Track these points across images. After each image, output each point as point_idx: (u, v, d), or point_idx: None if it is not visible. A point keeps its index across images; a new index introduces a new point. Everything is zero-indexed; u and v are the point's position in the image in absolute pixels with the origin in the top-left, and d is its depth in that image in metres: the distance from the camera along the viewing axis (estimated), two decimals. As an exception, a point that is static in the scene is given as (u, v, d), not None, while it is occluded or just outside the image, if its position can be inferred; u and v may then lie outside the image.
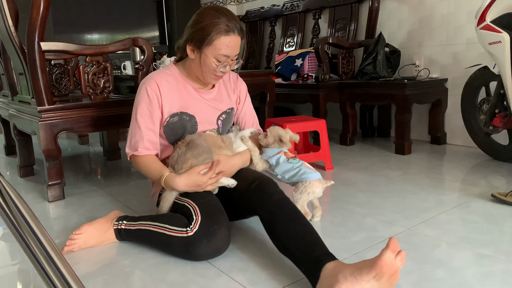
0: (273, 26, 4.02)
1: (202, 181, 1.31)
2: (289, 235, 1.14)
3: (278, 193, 1.27)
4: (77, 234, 1.36)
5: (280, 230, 1.17)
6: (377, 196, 1.80)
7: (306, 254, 1.08)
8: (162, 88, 1.41)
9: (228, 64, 1.40)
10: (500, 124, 2.19)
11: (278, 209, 1.22)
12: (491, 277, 1.11)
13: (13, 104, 2.29)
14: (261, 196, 1.27)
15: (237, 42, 1.37)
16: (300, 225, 1.17)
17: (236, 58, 1.41)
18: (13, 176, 2.39)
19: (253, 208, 1.28)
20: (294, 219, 1.19)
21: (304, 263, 1.08)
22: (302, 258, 1.09)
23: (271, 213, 1.22)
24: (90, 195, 1.99)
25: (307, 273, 1.07)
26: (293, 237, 1.13)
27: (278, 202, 1.24)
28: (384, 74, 2.76)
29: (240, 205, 1.37)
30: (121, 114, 2.00)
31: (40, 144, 1.83)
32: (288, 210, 1.22)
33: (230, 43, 1.34)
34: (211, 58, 1.36)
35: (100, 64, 1.95)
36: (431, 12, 2.83)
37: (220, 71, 1.39)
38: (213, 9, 1.36)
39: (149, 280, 1.17)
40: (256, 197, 1.28)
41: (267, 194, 1.27)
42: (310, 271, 1.06)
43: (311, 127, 2.31)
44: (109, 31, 4.34)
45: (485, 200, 1.69)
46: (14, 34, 1.85)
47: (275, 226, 1.19)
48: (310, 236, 1.13)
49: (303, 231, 1.15)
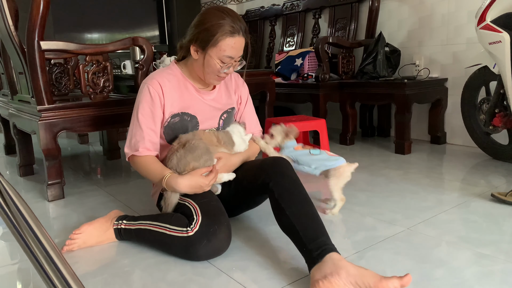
0: (273, 25, 4.02)
1: (204, 183, 1.31)
2: (299, 213, 1.16)
3: (292, 173, 1.28)
4: (76, 233, 1.36)
5: (290, 207, 1.17)
6: (377, 196, 1.80)
7: (312, 237, 1.10)
8: (165, 88, 1.40)
9: (232, 65, 1.39)
10: (500, 124, 2.19)
11: (291, 187, 1.23)
12: (491, 276, 1.11)
13: (12, 103, 2.29)
14: (275, 172, 1.27)
15: (242, 43, 1.36)
16: (311, 208, 1.19)
17: (239, 59, 1.40)
18: (13, 176, 2.39)
19: (265, 182, 1.26)
20: (305, 201, 1.20)
21: (307, 244, 1.09)
22: (307, 239, 1.10)
23: (283, 188, 1.22)
24: (90, 194, 1.99)
25: (307, 253, 1.10)
26: (302, 216, 1.15)
27: (292, 180, 1.25)
28: (384, 74, 2.76)
29: (251, 181, 1.34)
30: (121, 114, 2.00)
31: (40, 143, 1.83)
32: (301, 191, 1.23)
33: (235, 45, 1.34)
34: (215, 59, 1.35)
35: (100, 63, 1.95)
36: (431, 12, 2.83)
37: (223, 72, 1.39)
38: (218, 10, 1.35)
39: (148, 280, 1.17)
40: (271, 171, 1.28)
41: (281, 170, 1.27)
42: (310, 253, 1.08)
43: (311, 126, 2.30)
44: (109, 31, 4.34)
45: (485, 200, 1.69)
46: (14, 33, 1.85)
47: (286, 202, 1.19)
48: (318, 221, 1.15)
49: (312, 214, 1.17)
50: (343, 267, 1.00)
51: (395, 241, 1.35)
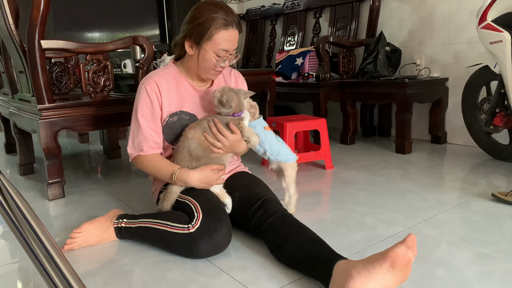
0: (274, 24, 4.01)
1: (214, 178, 1.35)
2: (296, 243, 1.15)
3: (281, 210, 1.30)
4: (77, 232, 1.36)
5: (287, 240, 1.17)
6: (378, 195, 1.80)
7: (316, 256, 1.09)
8: (162, 87, 1.41)
9: (227, 58, 1.39)
10: (500, 124, 2.19)
11: (283, 222, 1.24)
12: (491, 276, 1.11)
13: (13, 102, 2.29)
14: (264, 212, 1.29)
15: (236, 35, 1.37)
16: (307, 233, 1.18)
17: (234, 52, 1.40)
18: (13, 174, 2.39)
19: (256, 225, 1.29)
20: (300, 228, 1.20)
21: (315, 265, 1.08)
22: (312, 261, 1.09)
23: (276, 226, 1.23)
24: (90, 193, 1.99)
25: (319, 275, 1.07)
26: (301, 244, 1.14)
27: (282, 216, 1.26)
28: (384, 73, 2.76)
29: (246, 218, 1.35)
30: (122, 113, 2.00)
31: (40, 142, 1.83)
32: (293, 221, 1.24)
33: (229, 38, 1.34)
34: (210, 53, 1.35)
35: (101, 62, 1.95)
36: (432, 11, 2.82)
37: (220, 66, 1.39)
38: (210, 4, 1.35)
39: (149, 279, 1.17)
40: (261, 211, 1.30)
41: (270, 209, 1.29)
42: (321, 272, 1.05)
43: (311, 126, 2.30)
44: (109, 30, 4.33)
45: (486, 200, 1.69)
46: (15, 32, 1.84)
47: (281, 237, 1.19)
48: (318, 242, 1.14)
49: (310, 238, 1.16)
50: (352, 268, 0.98)
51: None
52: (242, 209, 1.37)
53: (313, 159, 2.31)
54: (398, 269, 0.94)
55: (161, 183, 1.47)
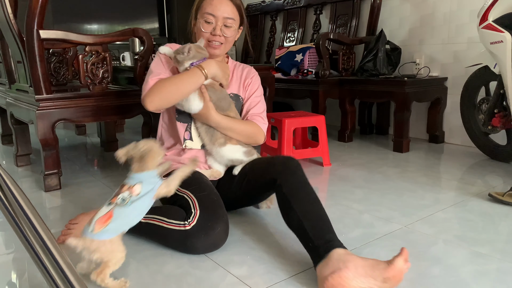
0: (274, 20, 4.00)
1: (228, 73, 1.45)
2: (306, 210, 1.16)
3: (302, 173, 1.27)
4: (72, 223, 1.36)
5: (299, 204, 1.17)
6: (375, 193, 1.80)
7: (319, 234, 1.10)
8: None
9: (217, 26, 1.42)
10: (499, 124, 2.19)
11: (300, 186, 1.23)
12: (487, 275, 1.12)
13: (10, 92, 2.28)
14: (285, 169, 1.27)
15: (222, 2, 1.42)
16: (319, 207, 1.19)
17: (228, 23, 1.44)
18: (9, 165, 2.38)
19: (273, 178, 1.26)
20: (314, 200, 1.20)
21: (314, 240, 1.09)
22: (314, 236, 1.10)
23: (292, 185, 1.22)
24: (87, 185, 1.99)
25: (312, 250, 1.10)
26: (310, 213, 1.15)
27: (301, 179, 1.24)
28: (384, 72, 2.75)
29: (259, 175, 1.35)
30: (120, 105, 1.99)
31: (37, 133, 1.81)
32: (309, 190, 1.23)
33: (213, 2, 1.42)
34: (200, 20, 1.44)
35: (100, 54, 1.94)
36: (433, 10, 2.82)
37: (209, 33, 1.43)
38: None
39: (145, 272, 1.16)
40: (281, 168, 1.28)
41: (291, 169, 1.27)
42: (317, 249, 1.08)
43: (310, 122, 2.30)
44: (108, 22, 4.31)
45: (482, 199, 1.69)
46: (13, 22, 1.83)
47: (294, 199, 1.19)
48: (325, 219, 1.15)
49: (319, 212, 1.17)
50: (351, 260, 1.00)
51: (392, 238, 1.36)
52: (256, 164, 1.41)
53: (310, 155, 2.31)
54: (392, 281, 0.99)
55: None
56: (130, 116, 2.07)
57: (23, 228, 0.69)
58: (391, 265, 0.98)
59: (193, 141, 1.48)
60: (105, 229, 1.02)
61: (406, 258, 1.00)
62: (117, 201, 1.07)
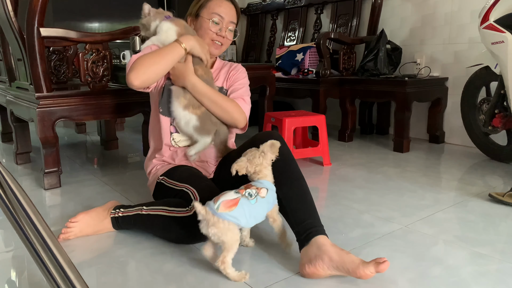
0: (275, 19, 4.00)
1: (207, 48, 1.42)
2: (288, 195, 1.20)
3: (285, 148, 1.26)
4: (73, 222, 1.36)
5: (281, 188, 1.20)
6: (375, 193, 1.80)
7: (300, 219, 1.16)
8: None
9: (223, 27, 1.45)
10: (499, 125, 2.19)
11: (283, 165, 1.23)
12: (487, 275, 1.12)
13: (10, 90, 2.27)
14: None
15: (230, 7, 1.47)
16: (301, 187, 1.22)
17: (232, 28, 1.48)
18: (9, 163, 2.38)
19: None
20: (296, 179, 1.23)
21: (295, 226, 1.16)
22: (296, 221, 1.17)
23: (274, 168, 1.21)
24: (87, 183, 1.98)
25: (296, 235, 1.17)
26: (292, 197, 1.19)
27: (283, 158, 1.23)
28: (385, 71, 2.75)
29: None
30: (120, 103, 1.99)
31: (38, 131, 1.81)
32: (293, 169, 1.24)
33: (222, 4, 1.46)
34: (206, 18, 1.45)
35: (100, 52, 1.93)
36: (434, 10, 2.82)
37: (216, 33, 1.45)
38: None
39: (145, 270, 1.16)
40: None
41: None
42: (299, 235, 1.15)
43: (310, 122, 2.30)
44: (108, 20, 4.30)
45: (482, 200, 1.69)
46: (14, 19, 1.82)
47: (277, 183, 1.20)
48: (307, 203, 1.20)
49: (302, 195, 1.21)
50: (326, 252, 1.07)
51: (392, 238, 1.35)
52: (241, 151, 1.32)
53: (311, 155, 2.31)
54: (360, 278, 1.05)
55: (157, 173, 1.46)
56: (130, 115, 2.07)
57: (23, 226, 0.69)
58: (361, 267, 1.02)
59: (179, 133, 1.46)
60: (229, 212, 1.07)
61: (381, 269, 1.02)
62: (245, 193, 1.13)
